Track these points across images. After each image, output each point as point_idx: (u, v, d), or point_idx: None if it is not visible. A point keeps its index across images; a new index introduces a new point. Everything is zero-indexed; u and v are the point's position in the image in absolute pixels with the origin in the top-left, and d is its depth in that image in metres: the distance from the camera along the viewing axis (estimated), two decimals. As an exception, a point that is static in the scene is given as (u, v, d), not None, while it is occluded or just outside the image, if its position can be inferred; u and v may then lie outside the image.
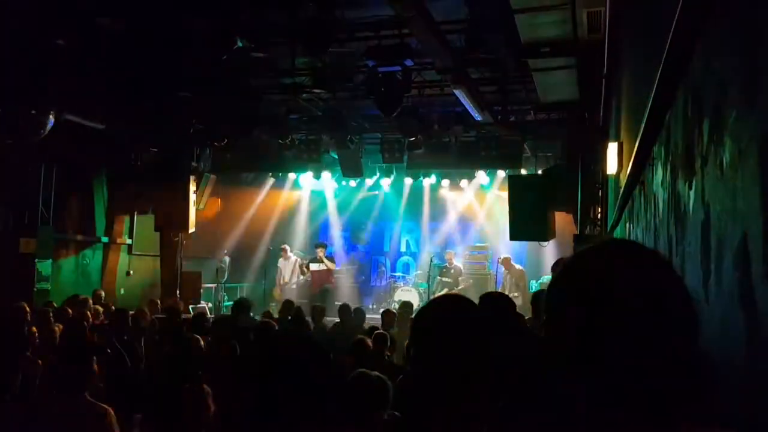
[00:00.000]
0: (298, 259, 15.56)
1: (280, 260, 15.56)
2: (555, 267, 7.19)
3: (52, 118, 9.46)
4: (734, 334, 1.61)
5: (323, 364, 1.61)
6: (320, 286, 14.34)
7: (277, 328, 6.31)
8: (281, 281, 15.37)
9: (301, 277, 15.28)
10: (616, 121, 6.78)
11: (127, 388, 4.58)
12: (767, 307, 1.40)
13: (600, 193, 9.83)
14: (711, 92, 1.96)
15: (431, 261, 15.00)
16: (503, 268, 14.67)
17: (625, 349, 1.03)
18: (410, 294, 14.81)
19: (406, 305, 10.20)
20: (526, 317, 5.37)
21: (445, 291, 14.19)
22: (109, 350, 5.37)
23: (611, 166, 6.24)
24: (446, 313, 1.60)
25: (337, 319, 9.10)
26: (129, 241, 14.31)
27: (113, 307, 9.89)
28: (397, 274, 16.84)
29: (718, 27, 1.90)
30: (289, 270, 15.33)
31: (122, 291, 13.88)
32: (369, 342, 5.67)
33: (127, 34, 8.40)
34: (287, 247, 15.80)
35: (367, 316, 9.79)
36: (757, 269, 1.47)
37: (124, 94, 10.36)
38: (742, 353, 1.56)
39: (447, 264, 15.14)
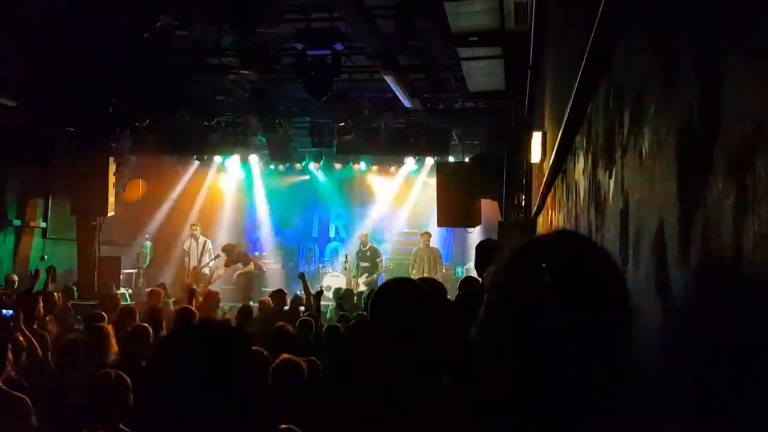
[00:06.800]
0: (208, 241, 14.62)
1: (188, 241, 14.56)
2: (481, 248, 7.23)
3: (-43, 93, 8.89)
4: (650, 319, 1.68)
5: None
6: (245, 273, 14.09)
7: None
8: (190, 266, 14.22)
9: (213, 262, 14.41)
10: (540, 111, 6.95)
11: (38, 376, 4.41)
12: (681, 292, 1.46)
13: (524, 181, 10.09)
14: (632, 86, 2.03)
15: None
16: (422, 244, 14.52)
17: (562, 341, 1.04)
18: (338, 279, 14.78)
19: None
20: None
21: (365, 276, 14.13)
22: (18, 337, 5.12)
23: (535, 155, 6.40)
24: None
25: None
26: (43, 225, 13.63)
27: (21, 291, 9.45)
28: (326, 259, 16.76)
29: (640, 25, 1.96)
30: (199, 252, 14.29)
31: (36, 277, 13.23)
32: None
33: (44, 7, 7.95)
34: (198, 227, 14.70)
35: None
36: (672, 256, 1.53)
37: (39, 71, 9.82)
38: (658, 337, 1.63)
39: (362, 247, 14.66)
